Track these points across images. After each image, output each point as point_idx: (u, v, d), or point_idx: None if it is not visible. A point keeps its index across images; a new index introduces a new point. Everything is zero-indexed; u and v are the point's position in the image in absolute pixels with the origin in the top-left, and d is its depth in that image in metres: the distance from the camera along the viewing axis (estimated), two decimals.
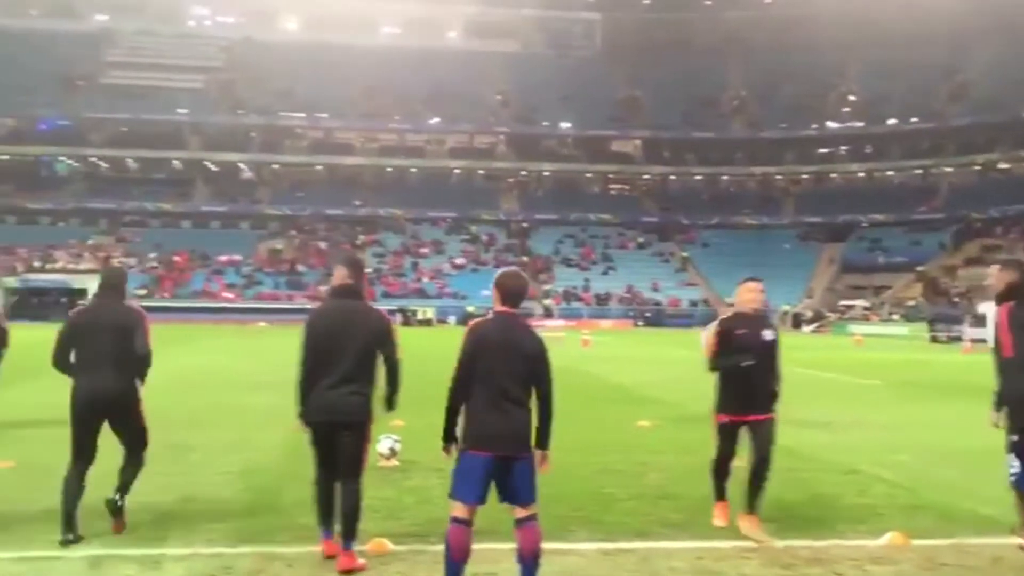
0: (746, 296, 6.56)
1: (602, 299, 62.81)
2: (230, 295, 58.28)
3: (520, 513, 4.91)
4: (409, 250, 67.32)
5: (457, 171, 76.75)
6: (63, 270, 57.04)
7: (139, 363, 6.16)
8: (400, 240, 68.60)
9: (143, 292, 55.39)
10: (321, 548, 5.73)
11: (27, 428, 10.72)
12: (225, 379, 18.38)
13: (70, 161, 71.50)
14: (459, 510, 4.85)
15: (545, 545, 5.94)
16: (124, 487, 6.18)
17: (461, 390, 4.95)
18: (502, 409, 4.88)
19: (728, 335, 6.46)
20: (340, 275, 5.81)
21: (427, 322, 49.71)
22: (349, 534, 5.51)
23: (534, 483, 4.94)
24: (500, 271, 5.25)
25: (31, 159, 70.47)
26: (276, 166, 74.14)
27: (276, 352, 27.52)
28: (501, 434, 4.86)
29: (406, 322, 47.46)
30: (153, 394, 5.84)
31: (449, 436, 5.00)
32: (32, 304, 51.42)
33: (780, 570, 5.75)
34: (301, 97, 71.25)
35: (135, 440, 6.21)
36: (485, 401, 4.89)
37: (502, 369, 4.91)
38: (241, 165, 74.29)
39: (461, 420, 4.97)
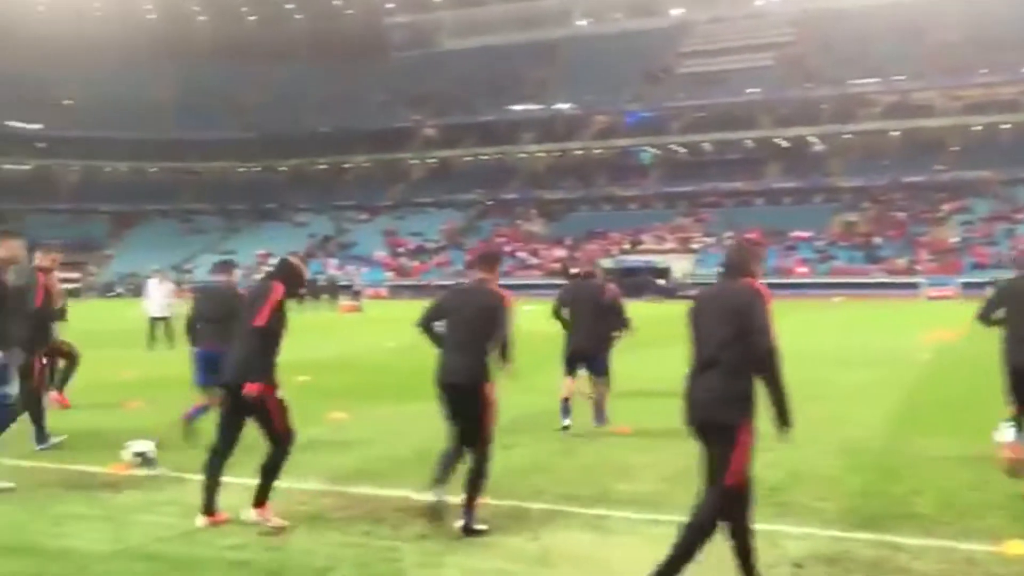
0: None
1: None
2: (804, 270, 57.87)
3: None
4: (1002, 216, 60.27)
5: None
6: (649, 251, 61.75)
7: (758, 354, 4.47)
8: (991, 205, 61.75)
9: None
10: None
11: (638, 398, 11.23)
12: (808, 354, 18.11)
13: (653, 150, 77.12)
14: None
15: None
16: None
17: None
18: None
19: None
20: None
21: None
22: None
23: None
24: None
25: (619, 151, 77.50)
26: (848, 136, 71.65)
27: (858, 328, 26.62)
28: None
29: None
30: None
31: None
32: (625, 283, 56.38)
33: None
34: (873, 61, 67.79)
35: (724, 461, 4.46)
36: None
37: None
38: (811, 139, 73.26)
39: None
